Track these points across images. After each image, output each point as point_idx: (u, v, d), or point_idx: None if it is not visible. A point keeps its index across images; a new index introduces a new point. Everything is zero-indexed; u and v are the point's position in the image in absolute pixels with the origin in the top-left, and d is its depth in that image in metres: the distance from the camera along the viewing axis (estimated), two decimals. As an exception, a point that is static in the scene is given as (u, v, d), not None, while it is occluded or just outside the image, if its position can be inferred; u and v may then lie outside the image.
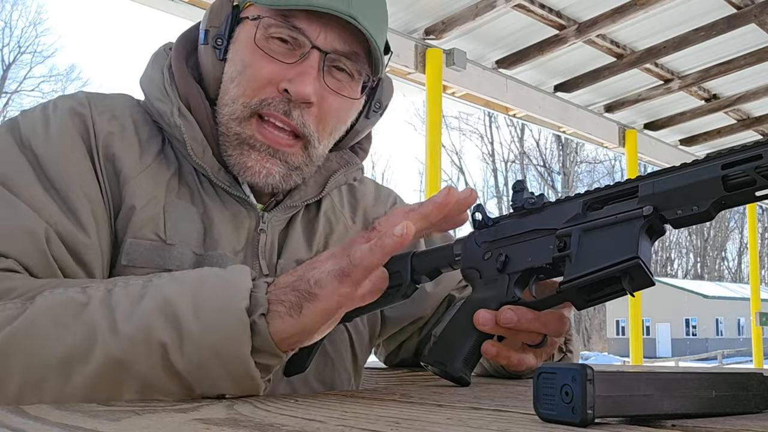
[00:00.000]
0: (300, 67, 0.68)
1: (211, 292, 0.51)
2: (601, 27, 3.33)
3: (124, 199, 0.68)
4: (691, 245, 33.55)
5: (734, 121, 4.87)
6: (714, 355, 17.26)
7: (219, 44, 0.72)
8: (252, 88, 0.69)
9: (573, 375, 0.36)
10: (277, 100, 0.69)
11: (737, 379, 0.43)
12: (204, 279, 0.52)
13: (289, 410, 0.44)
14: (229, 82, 0.71)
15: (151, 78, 0.74)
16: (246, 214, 0.74)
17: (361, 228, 0.87)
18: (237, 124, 0.70)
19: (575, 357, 0.80)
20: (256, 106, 0.69)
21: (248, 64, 0.70)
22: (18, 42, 24.79)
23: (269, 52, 0.69)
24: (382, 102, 0.81)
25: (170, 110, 0.70)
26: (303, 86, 0.67)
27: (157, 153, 0.72)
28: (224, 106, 0.71)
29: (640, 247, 0.52)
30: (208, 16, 0.74)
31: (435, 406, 0.48)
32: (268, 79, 0.69)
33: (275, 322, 0.51)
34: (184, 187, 0.72)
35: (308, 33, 0.68)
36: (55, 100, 0.72)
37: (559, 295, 0.58)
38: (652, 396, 0.38)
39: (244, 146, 0.70)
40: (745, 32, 3.53)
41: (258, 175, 0.70)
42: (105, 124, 0.70)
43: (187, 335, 0.49)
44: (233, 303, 0.50)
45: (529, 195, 0.64)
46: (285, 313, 0.51)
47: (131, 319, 0.50)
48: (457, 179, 28.15)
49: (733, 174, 0.50)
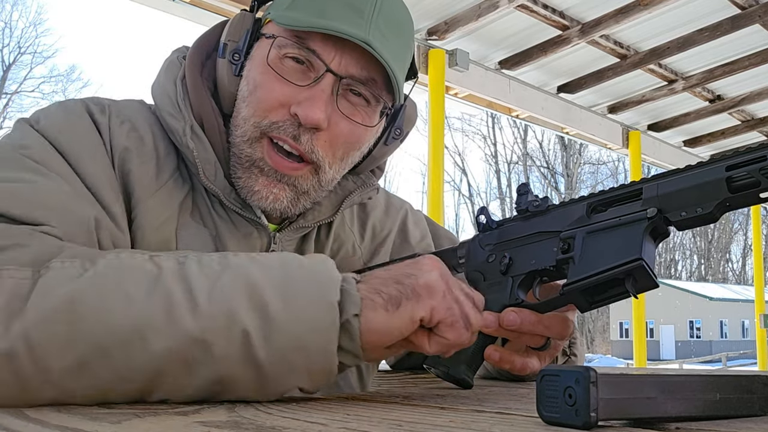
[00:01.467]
0: (312, 90, 0.66)
1: (300, 280, 0.49)
2: (604, 27, 3.32)
3: (135, 217, 0.66)
4: (695, 247, 33.46)
5: (738, 122, 4.86)
6: (718, 357, 17.20)
7: (236, 59, 0.70)
8: (263, 108, 0.68)
9: (576, 377, 0.36)
10: (287, 123, 0.67)
11: (741, 381, 0.43)
12: (288, 265, 0.50)
13: (291, 413, 0.43)
14: (241, 101, 0.70)
15: (164, 88, 0.72)
16: (257, 235, 0.73)
17: (369, 245, 0.85)
18: (248, 145, 0.69)
19: (580, 360, 0.79)
20: (267, 128, 0.68)
21: (260, 84, 0.68)
22: (18, 42, 24.75)
23: (282, 73, 0.67)
24: (402, 129, 0.78)
25: (182, 129, 0.69)
26: (312, 111, 0.66)
27: (173, 170, 0.70)
28: (237, 126, 0.70)
29: (644, 249, 0.52)
30: (228, 29, 0.72)
31: (438, 409, 0.48)
32: (279, 101, 0.67)
33: (369, 313, 0.49)
34: (197, 206, 0.71)
35: (323, 56, 0.66)
36: (74, 101, 0.70)
37: (562, 297, 0.57)
38: (655, 399, 0.38)
39: (253, 169, 0.69)
40: (749, 33, 3.52)
41: (265, 200, 0.69)
42: (123, 137, 0.68)
43: (274, 324, 0.47)
44: (325, 295, 0.48)
45: (534, 198, 0.64)
46: (381, 306, 0.50)
47: (211, 296, 0.47)
48: (460, 181, 28.19)
49: (737, 176, 0.50)
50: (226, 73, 0.71)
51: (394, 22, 0.69)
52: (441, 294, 0.52)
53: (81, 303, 0.45)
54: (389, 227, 0.88)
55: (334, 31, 0.64)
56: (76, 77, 36.32)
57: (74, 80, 27.57)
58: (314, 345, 0.48)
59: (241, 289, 0.48)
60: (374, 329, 0.50)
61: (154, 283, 0.47)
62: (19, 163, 0.59)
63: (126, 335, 0.45)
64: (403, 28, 0.71)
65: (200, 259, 0.50)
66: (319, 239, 0.80)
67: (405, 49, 0.72)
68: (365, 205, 0.88)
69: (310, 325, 0.47)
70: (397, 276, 0.52)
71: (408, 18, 0.74)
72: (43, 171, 0.59)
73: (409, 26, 0.74)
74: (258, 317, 0.47)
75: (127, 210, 0.66)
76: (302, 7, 0.67)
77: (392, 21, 0.69)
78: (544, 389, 0.38)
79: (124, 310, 0.45)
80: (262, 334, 0.47)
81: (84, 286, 0.46)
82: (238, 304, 0.47)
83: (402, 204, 0.93)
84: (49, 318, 0.44)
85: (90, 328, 0.45)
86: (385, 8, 0.68)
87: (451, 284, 0.54)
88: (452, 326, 0.52)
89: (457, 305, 0.53)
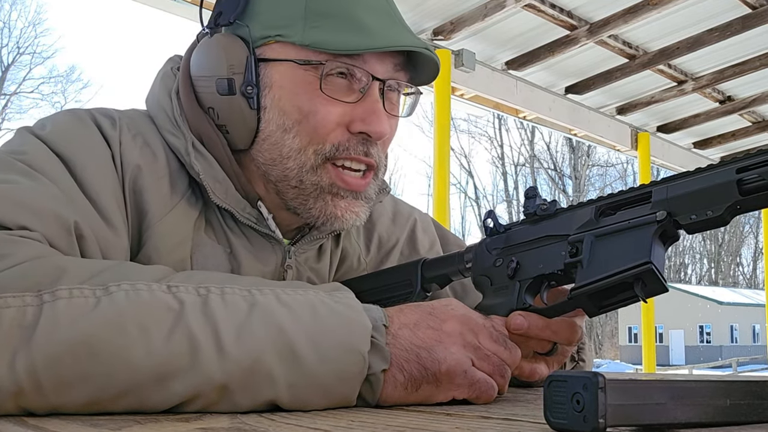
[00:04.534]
0: (365, 104, 0.66)
1: (331, 329, 0.48)
2: (613, 27, 3.30)
3: (150, 238, 0.64)
4: (705, 250, 33.20)
5: (749, 123, 4.81)
6: (728, 362, 17.06)
7: (250, 92, 0.65)
8: (320, 135, 0.65)
9: (584, 383, 0.36)
10: (353, 142, 0.66)
11: (752, 387, 0.42)
12: (316, 309, 0.49)
13: (295, 420, 0.43)
14: (282, 132, 0.66)
15: (159, 102, 0.70)
16: (272, 250, 0.71)
17: (376, 256, 0.84)
18: (312, 174, 0.66)
19: (588, 366, 0.78)
20: (331, 154, 0.66)
21: (310, 111, 0.65)
22: (17, 43, 24.18)
23: (331, 95, 0.65)
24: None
25: (184, 148, 0.67)
26: (379, 126, 0.66)
27: (186, 187, 0.68)
28: (287, 158, 0.66)
29: (653, 253, 0.52)
30: (219, 61, 0.66)
31: (443, 415, 0.47)
32: (336, 123, 0.66)
33: (389, 388, 0.50)
34: (210, 223, 0.69)
35: (366, 67, 0.65)
36: (83, 110, 0.68)
37: (570, 301, 0.57)
38: (665, 405, 0.38)
39: (326, 196, 0.67)
40: (760, 33, 3.49)
41: (347, 222, 0.68)
42: (136, 153, 0.66)
43: (302, 371, 0.47)
44: (356, 344, 0.48)
45: (542, 201, 0.63)
46: (401, 385, 0.50)
47: (239, 340, 0.45)
48: (466, 183, 28.09)
49: (747, 178, 0.49)
50: (238, 109, 0.66)
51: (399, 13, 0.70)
52: (462, 375, 0.53)
53: (97, 342, 0.43)
54: (397, 236, 0.86)
55: (397, 46, 0.64)
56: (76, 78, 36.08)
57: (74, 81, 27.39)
58: (337, 392, 0.48)
59: (270, 335, 0.47)
60: (389, 397, 0.51)
61: (176, 321, 0.45)
62: (8, 166, 0.58)
63: (146, 378, 0.44)
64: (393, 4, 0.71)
65: (223, 291, 0.48)
66: (332, 251, 0.79)
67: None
68: (371, 214, 0.85)
69: (337, 375, 0.48)
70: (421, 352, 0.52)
71: None
72: (32, 173, 0.58)
73: None
74: (287, 366, 0.46)
75: (140, 228, 0.65)
76: (332, 24, 0.64)
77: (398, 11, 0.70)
78: (552, 395, 0.37)
79: (144, 352, 0.43)
80: (288, 381, 0.46)
81: (100, 323, 0.43)
82: (265, 350, 0.46)
83: (411, 212, 0.91)
84: (61, 357, 0.42)
85: (107, 370, 0.43)
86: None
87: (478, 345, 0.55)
88: (479, 398, 0.54)
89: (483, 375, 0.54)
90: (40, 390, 0.42)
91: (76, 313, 0.43)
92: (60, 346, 0.42)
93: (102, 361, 0.43)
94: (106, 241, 0.60)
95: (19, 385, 0.42)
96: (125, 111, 0.72)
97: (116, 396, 0.43)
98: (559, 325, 0.61)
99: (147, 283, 0.47)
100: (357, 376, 0.48)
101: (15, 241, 0.50)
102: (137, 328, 0.44)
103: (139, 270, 0.50)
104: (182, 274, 0.51)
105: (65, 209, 0.57)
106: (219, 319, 0.46)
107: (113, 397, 0.43)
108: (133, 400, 0.44)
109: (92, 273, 0.48)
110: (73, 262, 0.50)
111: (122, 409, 0.44)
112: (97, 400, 0.43)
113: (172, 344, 0.44)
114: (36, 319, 0.43)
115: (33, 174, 0.58)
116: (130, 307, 0.45)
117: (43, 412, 0.43)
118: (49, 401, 0.43)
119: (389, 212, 0.88)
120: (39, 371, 0.42)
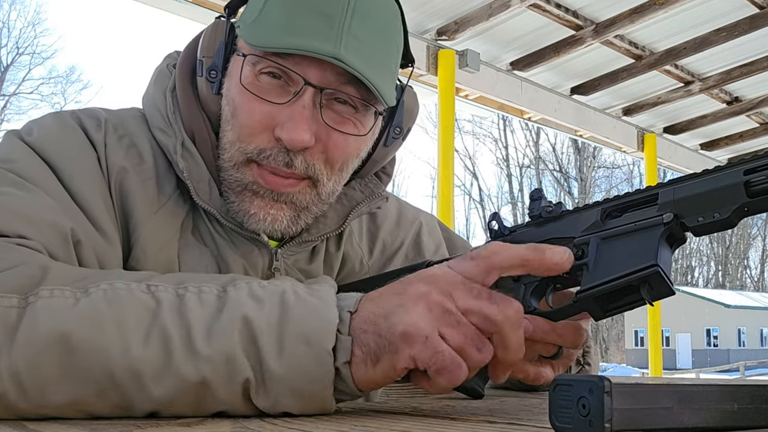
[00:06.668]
0: (292, 108, 0.62)
1: (295, 322, 0.47)
2: (619, 27, 3.29)
3: (137, 240, 0.65)
4: (712, 253, 33.01)
5: (757, 124, 4.78)
6: (736, 366, 16.96)
7: (213, 77, 0.66)
8: (246, 133, 0.64)
9: (590, 387, 0.35)
10: (275, 151, 0.63)
11: (760, 391, 0.42)
12: (286, 303, 0.48)
13: (298, 424, 0.43)
14: (225, 123, 0.66)
15: (153, 101, 0.69)
16: (258, 253, 0.70)
17: (379, 259, 0.82)
18: (236, 170, 0.66)
19: (594, 370, 0.78)
20: (254, 156, 0.64)
21: (238, 106, 0.64)
22: (16, 43, 24.29)
23: (259, 93, 0.63)
24: (402, 126, 0.74)
25: (173, 146, 0.66)
26: (296, 133, 0.62)
27: (173, 188, 0.68)
28: (224, 150, 0.66)
29: (660, 255, 0.51)
30: (202, 42, 0.68)
31: (448, 420, 0.47)
32: (262, 124, 0.64)
33: (358, 371, 0.48)
34: (197, 225, 0.69)
35: (299, 69, 0.62)
36: (69, 113, 0.68)
37: (576, 304, 0.56)
38: (671, 409, 0.37)
39: (246, 192, 0.66)
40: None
41: (263, 222, 0.66)
42: (121, 155, 0.66)
43: (269, 376, 0.46)
44: (320, 341, 0.46)
45: (547, 203, 0.63)
46: (362, 361, 0.47)
47: (210, 338, 0.45)
48: (471, 185, 28.09)
49: (755, 180, 0.49)
50: (206, 92, 0.68)
51: (373, 19, 0.64)
52: (422, 340, 0.47)
53: (74, 339, 0.43)
54: (401, 239, 0.85)
55: (303, 51, 0.60)
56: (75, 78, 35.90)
57: (74, 81, 27.27)
58: (309, 391, 0.47)
59: (238, 331, 0.46)
60: (361, 380, 0.48)
61: (152, 321, 0.45)
62: (0, 177, 0.59)
63: (123, 379, 0.44)
64: (384, 22, 0.66)
65: (200, 290, 0.48)
66: (328, 253, 0.78)
67: (389, 45, 0.67)
68: (375, 217, 0.85)
69: (305, 377, 0.46)
70: (378, 320, 0.48)
71: (390, 5, 0.68)
72: (25, 185, 0.58)
73: (392, 15, 0.68)
74: (254, 367, 0.46)
75: (127, 230, 0.65)
76: (269, 21, 0.63)
77: (369, 18, 0.64)
78: (557, 399, 0.37)
79: (120, 352, 0.44)
80: (258, 382, 0.46)
81: (77, 320, 0.44)
82: (236, 348, 0.45)
83: (416, 215, 0.89)
84: (40, 355, 0.43)
85: (85, 365, 0.43)
86: (359, 6, 0.63)
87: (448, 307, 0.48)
88: (441, 372, 0.47)
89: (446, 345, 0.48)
90: (22, 390, 0.42)
91: (55, 310, 0.44)
92: (39, 347, 0.43)
93: (80, 358, 0.43)
94: (101, 249, 0.61)
95: (4, 388, 0.42)
96: (115, 111, 0.72)
97: (96, 394, 0.43)
98: (565, 329, 0.60)
99: (126, 282, 0.47)
100: (326, 374, 0.46)
101: (11, 248, 0.51)
102: (114, 325, 0.44)
103: (125, 275, 0.50)
104: (168, 275, 0.51)
105: (60, 218, 0.58)
106: (192, 317, 0.46)
107: (93, 395, 0.43)
108: (115, 399, 0.44)
109: (76, 278, 0.48)
110: (59, 266, 0.51)
111: (107, 412, 0.44)
112: (78, 399, 0.43)
113: (147, 346, 0.44)
114: (19, 319, 0.44)
115: (25, 185, 0.59)
116: (108, 305, 0.45)
117: (29, 415, 0.43)
118: (31, 401, 0.43)
119: (393, 216, 0.87)
120: (21, 371, 0.42)
